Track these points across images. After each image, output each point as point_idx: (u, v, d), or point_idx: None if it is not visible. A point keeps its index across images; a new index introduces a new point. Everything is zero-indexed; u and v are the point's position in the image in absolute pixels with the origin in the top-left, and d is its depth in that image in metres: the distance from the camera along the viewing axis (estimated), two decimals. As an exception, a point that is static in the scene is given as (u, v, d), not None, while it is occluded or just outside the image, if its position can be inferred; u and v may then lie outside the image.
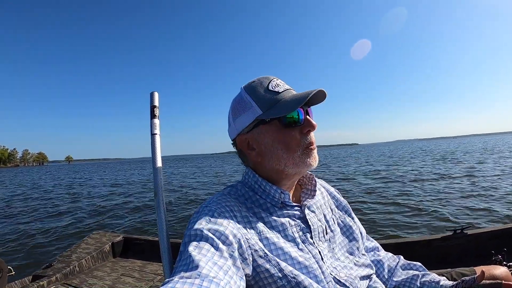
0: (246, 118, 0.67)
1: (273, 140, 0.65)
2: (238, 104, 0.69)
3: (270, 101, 0.64)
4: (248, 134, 0.68)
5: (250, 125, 0.67)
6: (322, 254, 0.65)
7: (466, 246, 2.16)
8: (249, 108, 0.66)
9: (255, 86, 0.67)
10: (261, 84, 0.67)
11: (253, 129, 0.67)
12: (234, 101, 0.71)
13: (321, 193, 0.81)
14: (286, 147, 0.64)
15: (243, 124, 0.68)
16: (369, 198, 7.29)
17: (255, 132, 0.67)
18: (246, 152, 0.70)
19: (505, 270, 0.83)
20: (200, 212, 0.60)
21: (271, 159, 0.67)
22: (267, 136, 0.66)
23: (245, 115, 0.67)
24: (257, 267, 0.57)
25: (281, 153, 0.65)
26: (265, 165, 0.69)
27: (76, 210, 8.70)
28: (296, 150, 0.65)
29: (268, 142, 0.66)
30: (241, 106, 0.68)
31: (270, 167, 0.68)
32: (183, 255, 0.51)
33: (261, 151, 0.67)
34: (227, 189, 0.72)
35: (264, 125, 0.65)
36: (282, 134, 0.64)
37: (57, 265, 2.46)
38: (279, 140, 0.65)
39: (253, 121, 0.66)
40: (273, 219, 0.65)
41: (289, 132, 0.65)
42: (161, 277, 2.39)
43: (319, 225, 0.70)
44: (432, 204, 6.08)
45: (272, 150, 0.66)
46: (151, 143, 0.83)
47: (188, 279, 0.43)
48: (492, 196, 6.39)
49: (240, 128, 0.69)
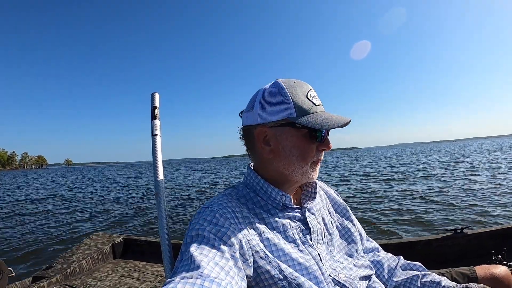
0: (276, 113, 0.64)
1: (293, 145, 0.65)
2: (272, 96, 0.66)
3: (307, 109, 0.65)
4: (271, 129, 0.66)
5: (278, 122, 0.65)
6: (321, 256, 0.65)
7: (466, 246, 2.16)
8: (284, 105, 0.64)
9: (295, 87, 0.66)
10: (301, 89, 0.66)
11: (279, 127, 0.65)
12: (266, 91, 0.68)
13: (320, 196, 0.81)
14: (302, 157, 0.66)
15: (270, 117, 0.65)
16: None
17: (279, 130, 0.65)
18: (259, 144, 0.68)
19: (505, 270, 0.84)
20: (201, 212, 0.60)
21: (282, 161, 0.67)
22: (289, 139, 0.65)
23: (277, 110, 0.64)
24: (258, 268, 0.57)
25: (294, 160, 0.66)
26: (273, 164, 0.68)
27: (77, 211, 8.71)
28: (308, 162, 0.67)
29: (288, 145, 0.65)
30: (275, 99, 0.65)
31: (276, 168, 0.68)
32: (184, 255, 0.51)
33: (277, 150, 0.66)
34: (229, 190, 0.72)
35: (292, 129, 0.64)
36: (304, 143, 0.65)
37: (57, 266, 2.46)
38: (298, 147, 0.65)
39: (283, 119, 0.64)
40: (274, 220, 0.65)
41: (309, 145, 0.66)
42: (161, 278, 2.39)
43: (318, 228, 0.70)
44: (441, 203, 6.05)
45: (288, 154, 0.66)
46: (152, 144, 0.84)
47: (190, 279, 0.43)
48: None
49: (266, 120, 0.66)
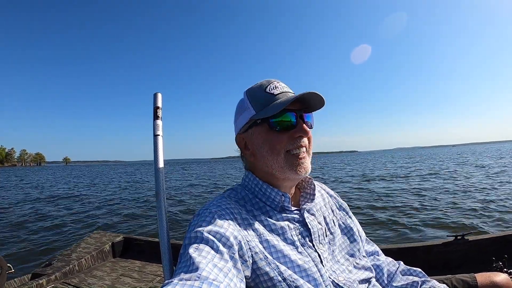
0: (243, 119, 0.70)
1: (262, 141, 0.67)
2: (239, 105, 0.73)
3: (264, 102, 0.66)
4: (244, 134, 0.71)
5: (245, 126, 0.70)
6: (322, 257, 0.65)
7: (467, 252, 2.15)
8: (246, 108, 0.69)
9: (254, 88, 0.70)
10: (260, 86, 0.69)
11: (248, 130, 0.70)
12: (237, 104, 0.75)
13: (321, 195, 0.81)
14: (271, 149, 0.65)
15: (240, 124, 0.71)
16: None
17: (249, 133, 0.70)
18: (243, 151, 0.74)
19: (506, 277, 0.83)
20: (200, 214, 0.61)
21: (261, 160, 0.68)
22: (258, 137, 0.68)
23: (243, 116, 0.70)
24: (258, 269, 0.57)
25: (266, 155, 0.66)
26: (257, 166, 0.70)
27: (77, 210, 8.72)
28: (279, 152, 0.65)
29: (258, 142, 0.67)
30: (240, 108, 0.72)
31: (261, 169, 0.70)
32: (183, 257, 0.51)
33: (254, 151, 0.70)
34: (227, 192, 0.73)
35: (257, 126, 0.67)
36: (269, 135, 0.66)
37: (56, 263, 2.46)
38: (265, 141, 0.66)
39: (248, 121, 0.68)
40: (272, 222, 0.65)
41: (276, 135, 0.65)
42: (160, 278, 2.39)
43: (319, 228, 0.70)
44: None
45: (261, 151, 0.67)
46: (153, 144, 0.83)
47: (188, 281, 0.43)
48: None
49: (238, 127, 0.72)
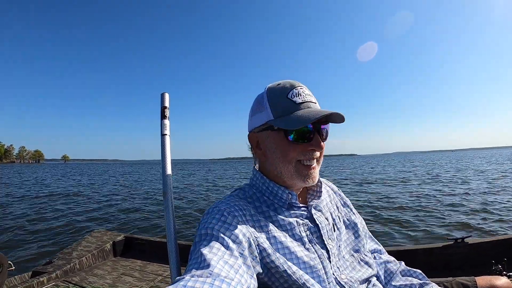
0: (259, 119, 0.70)
1: (275, 146, 0.68)
2: (257, 103, 0.72)
3: (284, 110, 0.66)
4: (258, 134, 0.72)
5: (261, 126, 0.70)
6: (330, 252, 0.66)
7: (467, 255, 2.16)
8: (264, 110, 0.69)
9: (276, 90, 0.69)
10: (282, 90, 0.68)
11: (263, 131, 0.70)
12: (256, 99, 0.74)
13: (327, 191, 0.83)
14: (283, 157, 0.67)
15: (256, 123, 0.71)
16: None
17: (263, 134, 0.70)
18: (254, 149, 0.75)
19: (506, 281, 0.83)
20: (210, 212, 0.62)
21: (271, 163, 0.70)
22: (272, 141, 0.69)
23: (259, 115, 0.70)
24: (267, 264, 0.59)
25: (277, 161, 0.68)
26: (267, 166, 0.72)
27: (79, 208, 8.71)
28: (290, 161, 0.66)
29: (272, 147, 0.69)
30: (258, 106, 0.71)
31: (270, 170, 0.71)
32: (193, 254, 0.52)
33: (266, 153, 0.71)
34: (236, 191, 0.75)
35: (272, 131, 0.68)
36: (283, 143, 0.67)
37: (57, 262, 2.46)
38: (278, 148, 0.67)
39: (264, 123, 0.69)
40: (280, 218, 0.67)
41: (290, 144, 0.66)
42: (161, 278, 2.39)
43: (327, 224, 0.71)
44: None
45: (273, 156, 0.69)
46: (161, 144, 0.85)
47: (200, 278, 0.44)
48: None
49: (253, 126, 0.73)
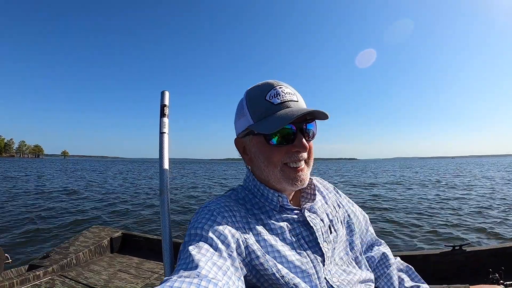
0: (242, 124, 0.69)
1: (259, 151, 0.66)
2: (239, 108, 0.70)
3: (263, 113, 0.63)
4: (243, 139, 0.71)
5: (243, 132, 0.69)
6: (325, 255, 0.65)
7: (463, 263, 2.15)
8: (245, 115, 0.67)
9: (254, 92, 0.67)
10: (261, 92, 0.65)
11: (246, 137, 0.69)
12: (238, 103, 0.72)
13: (321, 192, 0.80)
14: (267, 161, 0.65)
15: (239, 128, 0.70)
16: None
17: (247, 140, 0.69)
18: (242, 155, 0.73)
19: None
20: (199, 212, 0.62)
21: (258, 168, 0.69)
22: (254, 146, 0.67)
23: (242, 121, 0.68)
24: (256, 267, 0.58)
25: (263, 166, 0.66)
26: (255, 171, 0.71)
27: (77, 203, 8.74)
28: (276, 165, 0.64)
29: (256, 151, 0.67)
30: (240, 110, 0.69)
31: (259, 175, 0.70)
32: (182, 255, 0.52)
33: (251, 158, 0.70)
34: (228, 192, 0.74)
35: (254, 136, 0.66)
36: (266, 148, 0.65)
37: (54, 256, 2.46)
38: (262, 152, 0.66)
39: (246, 129, 0.67)
40: (271, 222, 0.65)
41: (273, 148, 0.64)
42: (158, 275, 2.40)
43: (322, 226, 0.69)
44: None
45: (257, 161, 0.67)
46: (159, 142, 0.85)
47: (187, 279, 0.44)
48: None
49: (237, 131, 0.71)
